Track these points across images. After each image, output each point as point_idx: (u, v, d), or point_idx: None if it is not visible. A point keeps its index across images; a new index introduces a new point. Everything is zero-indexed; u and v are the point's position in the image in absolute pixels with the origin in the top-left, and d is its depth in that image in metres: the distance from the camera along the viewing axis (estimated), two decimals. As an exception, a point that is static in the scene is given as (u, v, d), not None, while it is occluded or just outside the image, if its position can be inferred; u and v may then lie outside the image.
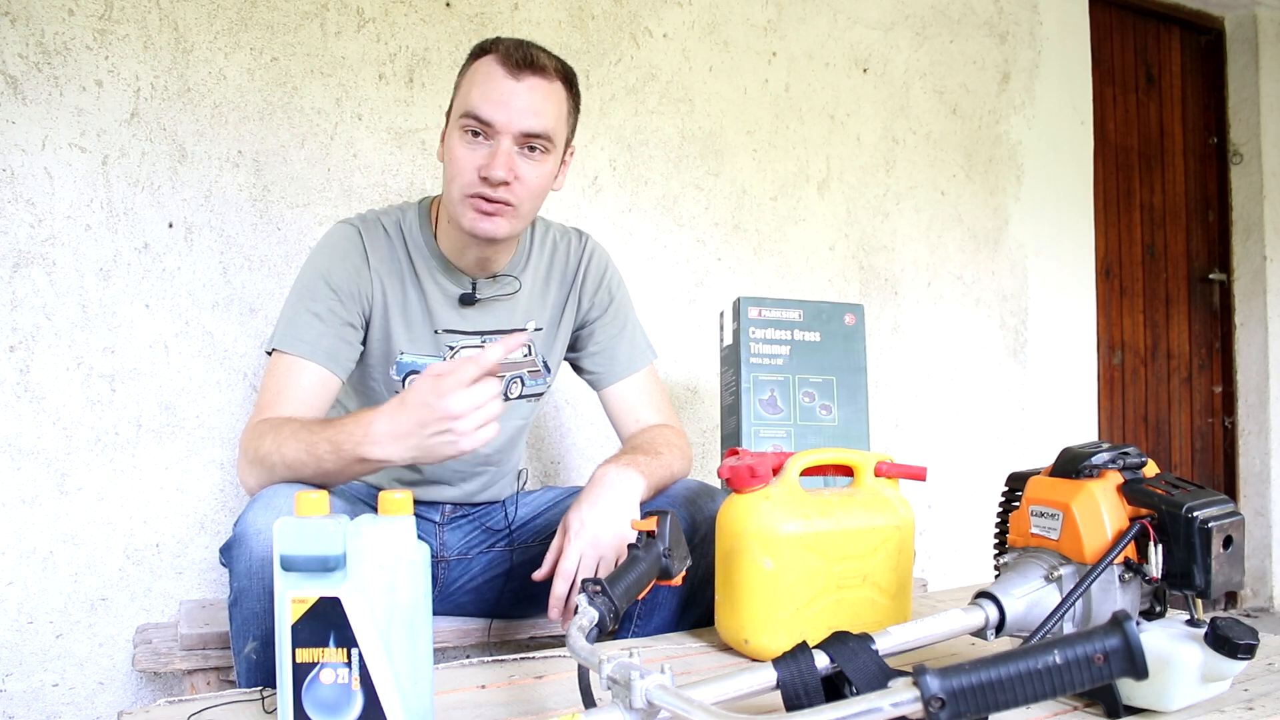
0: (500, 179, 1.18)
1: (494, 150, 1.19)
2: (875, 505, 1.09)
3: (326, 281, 1.24)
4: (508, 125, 1.18)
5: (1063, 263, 2.78)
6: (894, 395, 2.45)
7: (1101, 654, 0.61)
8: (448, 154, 1.24)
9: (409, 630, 0.77)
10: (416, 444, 1.00)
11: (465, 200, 1.21)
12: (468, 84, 1.22)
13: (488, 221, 1.22)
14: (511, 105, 1.18)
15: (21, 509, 1.52)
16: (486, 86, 1.19)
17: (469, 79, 1.22)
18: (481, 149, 1.20)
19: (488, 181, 1.19)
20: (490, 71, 1.20)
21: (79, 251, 1.56)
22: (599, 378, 1.45)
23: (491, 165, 1.18)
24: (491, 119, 1.18)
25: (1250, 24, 3.22)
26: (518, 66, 1.19)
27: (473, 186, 1.20)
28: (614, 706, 0.69)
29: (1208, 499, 0.86)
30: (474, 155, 1.20)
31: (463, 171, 1.20)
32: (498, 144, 1.19)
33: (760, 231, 2.25)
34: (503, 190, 1.20)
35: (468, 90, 1.21)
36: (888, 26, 2.45)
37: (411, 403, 1.00)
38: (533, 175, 1.22)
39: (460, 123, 1.21)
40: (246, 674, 1.03)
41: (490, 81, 1.19)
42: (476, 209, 1.21)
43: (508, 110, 1.18)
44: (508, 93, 1.18)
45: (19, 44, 1.52)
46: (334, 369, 1.22)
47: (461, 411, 0.97)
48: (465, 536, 1.43)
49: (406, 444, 1.01)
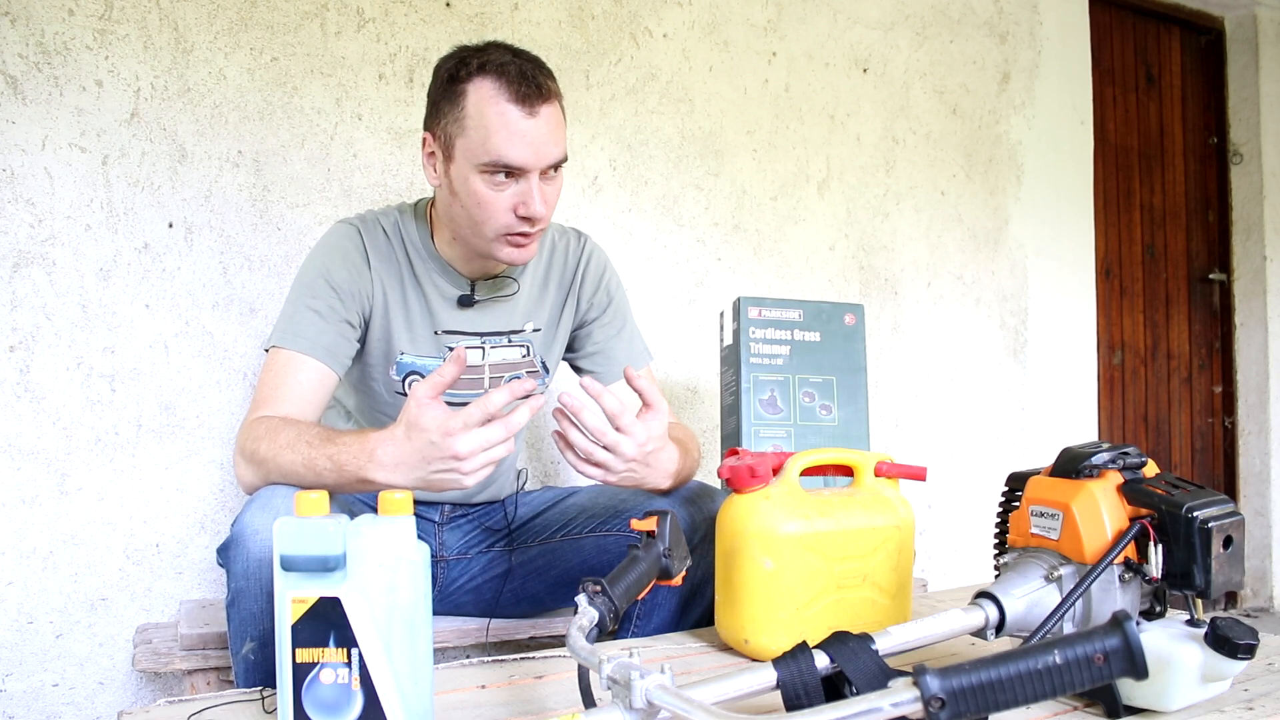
0: (540, 214, 1.19)
1: (527, 189, 1.18)
2: (875, 505, 1.09)
3: (327, 280, 1.24)
4: (536, 164, 1.18)
5: (1063, 263, 2.78)
6: (894, 395, 2.45)
7: (1101, 654, 0.61)
8: (471, 197, 1.19)
9: (409, 630, 0.77)
10: (421, 476, 1.01)
11: (502, 239, 1.22)
12: (479, 126, 1.16)
13: (526, 251, 1.24)
14: (536, 145, 1.17)
15: (21, 509, 1.52)
16: (507, 132, 1.15)
17: (478, 119, 1.16)
18: (509, 188, 1.19)
19: (529, 220, 1.20)
20: (503, 112, 1.16)
21: (79, 251, 1.56)
22: (598, 378, 1.45)
23: (530, 204, 1.18)
24: (522, 164, 1.17)
25: (1250, 24, 3.22)
26: (529, 101, 1.16)
27: (512, 227, 1.20)
28: (614, 706, 0.69)
29: (1208, 499, 0.86)
30: (504, 197, 1.19)
31: (497, 214, 1.19)
32: (529, 182, 1.18)
33: (760, 231, 2.25)
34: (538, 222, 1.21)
35: (483, 135, 1.16)
36: (888, 26, 2.45)
37: (417, 436, 0.99)
38: (555, 194, 1.24)
39: (484, 169, 1.17)
40: (244, 674, 1.03)
41: (508, 125, 1.16)
42: (514, 244, 1.22)
43: (534, 151, 1.17)
44: (528, 131, 1.16)
45: (19, 44, 1.52)
46: (332, 365, 1.22)
47: (468, 453, 0.97)
48: (464, 536, 1.43)
49: (411, 474, 1.01)
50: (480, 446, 0.98)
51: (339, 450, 1.04)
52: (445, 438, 0.97)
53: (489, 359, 1.36)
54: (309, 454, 1.06)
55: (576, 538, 1.35)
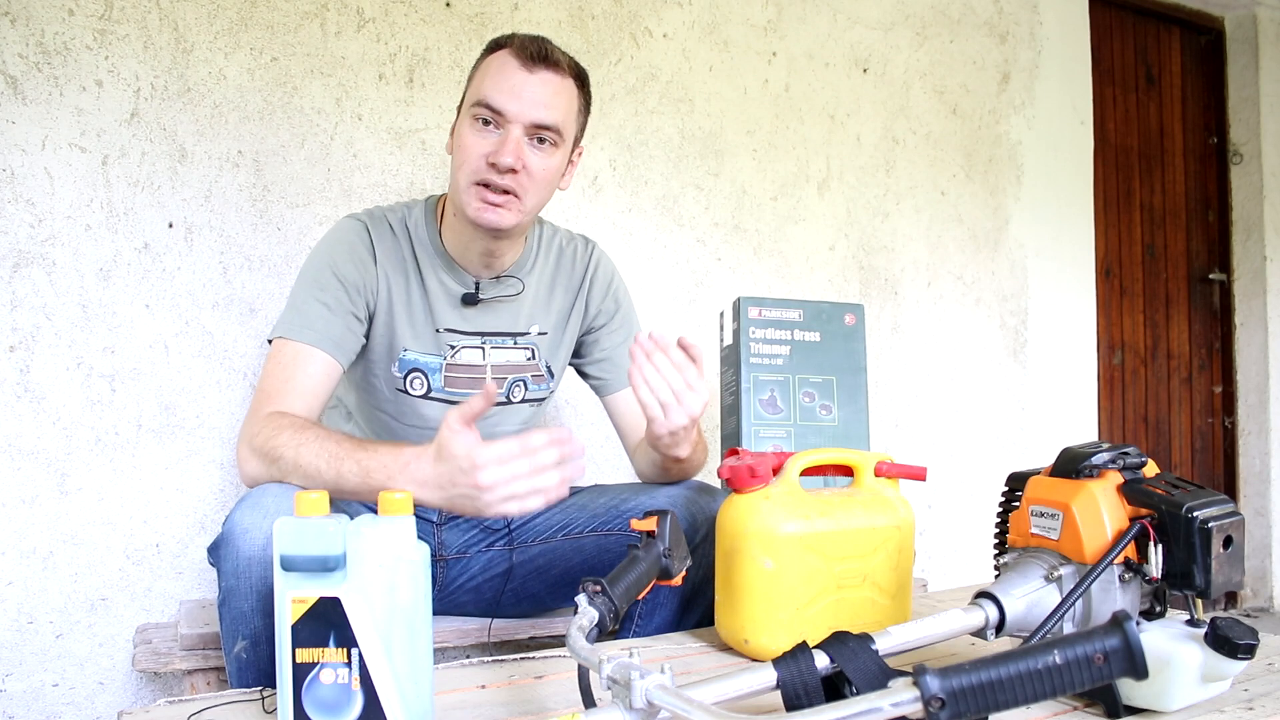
0: (508, 165, 1.19)
1: (504, 138, 1.20)
2: (875, 505, 1.09)
3: (334, 272, 1.24)
4: (519, 115, 1.20)
5: (1063, 263, 2.78)
6: (894, 395, 2.45)
7: (1101, 654, 0.61)
8: (457, 142, 1.25)
9: (409, 630, 0.77)
10: (447, 497, 1.01)
11: (472, 188, 1.22)
12: (481, 75, 1.24)
13: (492, 212, 1.22)
14: (523, 95, 1.20)
15: (21, 509, 1.52)
16: (499, 77, 1.21)
17: (482, 71, 1.24)
18: (490, 137, 1.21)
19: (495, 168, 1.20)
20: (504, 63, 1.21)
21: (79, 251, 1.56)
22: (605, 384, 1.46)
23: (500, 152, 1.19)
24: (503, 108, 1.19)
25: (1250, 24, 3.22)
26: (532, 59, 1.20)
27: (480, 174, 1.21)
28: (614, 706, 0.69)
29: (1208, 499, 0.86)
30: (483, 143, 1.21)
31: (470, 158, 1.21)
32: (507, 132, 1.20)
33: (760, 231, 2.25)
34: (509, 178, 1.20)
35: (480, 81, 1.23)
36: (888, 26, 2.45)
37: (448, 461, 1.00)
38: (540, 166, 1.23)
39: (471, 111, 1.22)
40: (238, 673, 1.02)
41: (503, 72, 1.21)
42: (482, 198, 1.22)
43: (519, 100, 1.19)
44: (520, 83, 1.20)
45: (19, 44, 1.52)
46: (339, 358, 1.22)
47: (490, 484, 0.98)
48: (464, 535, 1.43)
49: (439, 494, 1.02)
50: (503, 480, 0.99)
51: (370, 458, 1.04)
52: (473, 468, 0.98)
53: (491, 359, 1.36)
54: (336, 452, 1.05)
55: (577, 537, 1.35)
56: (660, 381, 1.12)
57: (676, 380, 1.13)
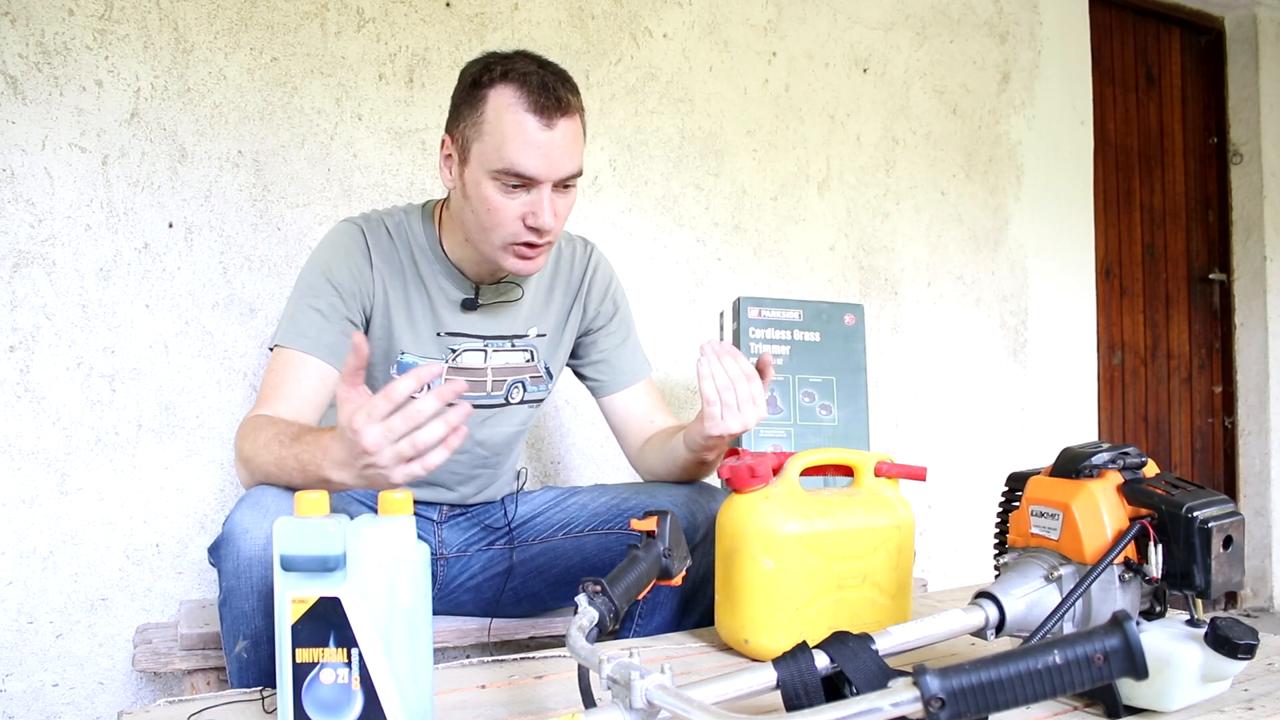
0: (549, 227, 1.19)
1: (538, 199, 1.18)
2: (875, 505, 1.09)
3: (328, 278, 1.24)
4: (549, 176, 1.18)
5: (1063, 263, 2.78)
6: (894, 395, 2.45)
7: (1101, 654, 0.61)
8: (482, 202, 1.20)
9: (409, 630, 0.77)
10: (355, 474, 0.96)
11: (509, 247, 1.22)
12: (495, 132, 1.17)
13: (532, 264, 1.24)
14: (551, 157, 1.17)
15: (21, 509, 1.52)
16: (522, 140, 1.16)
17: (495, 125, 1.17)
18: (520, 197, 1.19)
19: (536, 231, 1.20)
20: (521, 122, 1.16)
21: (79, 251, 1.56)
22: (602, 385, 1.46)
23: (539, 215, 1.18)
24: (535, 174, 1.17)
25: (1250, 24, 3.22)
26: (548, 113, 1.16)
27: (519, 235, 1.20)
28: (614, 706, 0.69)
29: (1208, 499, 0.86)
30: (515, 205, 1.19)
31: (505, 222, 1.20)
32: (540, 193, 1.18)
33: (760, 231, 2.25)
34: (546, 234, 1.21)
35: (498, 141, 1.16)
36: (888, 26, 2.45)
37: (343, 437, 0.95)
38: (566, 208, 1.24)
39: (497, 175, 1.18)
40: (238, 673, 1.02)
41: (524, 134, 1.16)
42: (520, 255, 1.22)
43: (549, 162, 1.17)
44: (544, 143, 1.16)
45: (19, 44, 1.52)
46: (335, 364, 1.22)
47: (374, 446, 0.91)
48: (464, 534, 1.43)
49: (349, 474, 0.97)
50: (387, 440, 0.91)
51: (303, 449, 1.03)
52: (355, 434, 0.92)
53: (491, 362, 1.36)
54: (280, 453, 1.05)
55: (578, 536, 1.36)
56: (727, 382, 1.13)
57: (744, 388, 1.13)
